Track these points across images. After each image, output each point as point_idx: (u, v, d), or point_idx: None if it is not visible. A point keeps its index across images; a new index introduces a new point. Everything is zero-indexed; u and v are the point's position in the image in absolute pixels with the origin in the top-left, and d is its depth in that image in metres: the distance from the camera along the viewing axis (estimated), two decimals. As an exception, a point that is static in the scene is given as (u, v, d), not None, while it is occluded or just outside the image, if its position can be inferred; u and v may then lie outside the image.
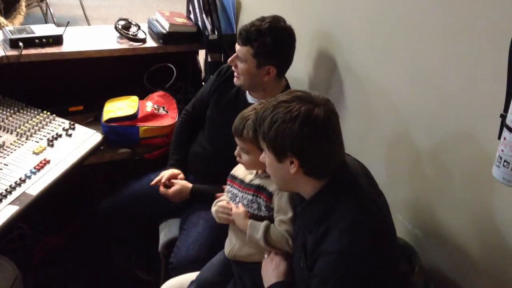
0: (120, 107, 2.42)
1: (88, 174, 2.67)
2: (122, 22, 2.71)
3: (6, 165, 1.96)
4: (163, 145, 2.42)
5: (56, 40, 2.50)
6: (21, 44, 2.39)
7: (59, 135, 2.16)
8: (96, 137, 2.21)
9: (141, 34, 2.72)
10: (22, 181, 1.88)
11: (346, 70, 2.00)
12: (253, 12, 2.54)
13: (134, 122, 2.38)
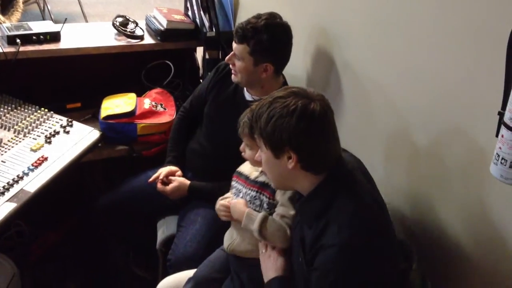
0: (118, 104, 2.41)
1: (85, 171, 2.67)
2: (120, 19, 2.71)
3: (3, 162, 1.96)
4: (161, 142, 2.42)
5: (53, 37, 2.49)
6: (18, 40, 2.39)
7: (57, 132, 2.16)
8: (94, 134, 2.21)
9: (138, 31, 2.72)
10: (20, 178, 1.88)
11: (344, 67, 2.00)
12: (250, 8, 2.53)
13: (132, 119, 2.38)
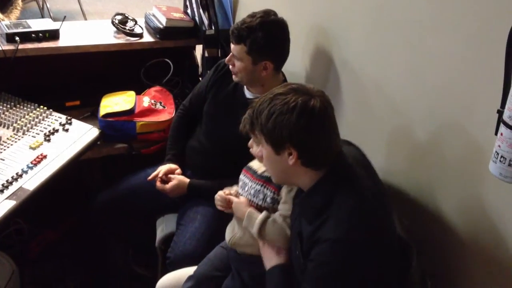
0: (117, 102, 2.41)
1: (85, 169, 2.67)
2: (119, 17, 2.71)
3: (2, 160, 1.95)
4: (160, 140, 2.42)
5: (52, 34, 2.49)
6: (17, 38, 2.38)
7: (56, 130, 2.15)
8: (93, 132, 2.20)
9: (138, 29, 2.71)
10: (19, 176, 1.88)
11: (343, 64, 2.00)
12: (249, 6, 2.53)
13: (131, 117, 2.38)
